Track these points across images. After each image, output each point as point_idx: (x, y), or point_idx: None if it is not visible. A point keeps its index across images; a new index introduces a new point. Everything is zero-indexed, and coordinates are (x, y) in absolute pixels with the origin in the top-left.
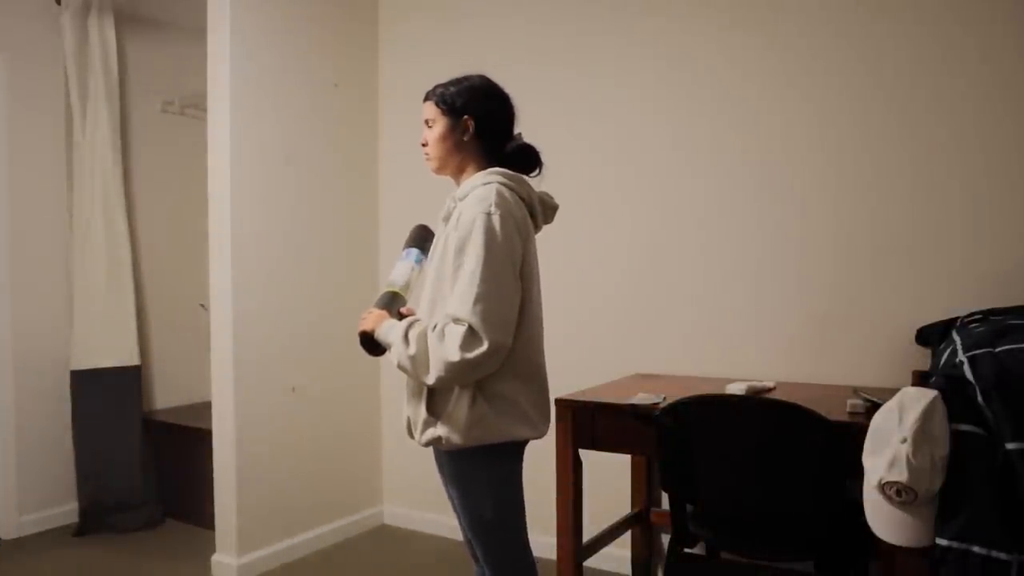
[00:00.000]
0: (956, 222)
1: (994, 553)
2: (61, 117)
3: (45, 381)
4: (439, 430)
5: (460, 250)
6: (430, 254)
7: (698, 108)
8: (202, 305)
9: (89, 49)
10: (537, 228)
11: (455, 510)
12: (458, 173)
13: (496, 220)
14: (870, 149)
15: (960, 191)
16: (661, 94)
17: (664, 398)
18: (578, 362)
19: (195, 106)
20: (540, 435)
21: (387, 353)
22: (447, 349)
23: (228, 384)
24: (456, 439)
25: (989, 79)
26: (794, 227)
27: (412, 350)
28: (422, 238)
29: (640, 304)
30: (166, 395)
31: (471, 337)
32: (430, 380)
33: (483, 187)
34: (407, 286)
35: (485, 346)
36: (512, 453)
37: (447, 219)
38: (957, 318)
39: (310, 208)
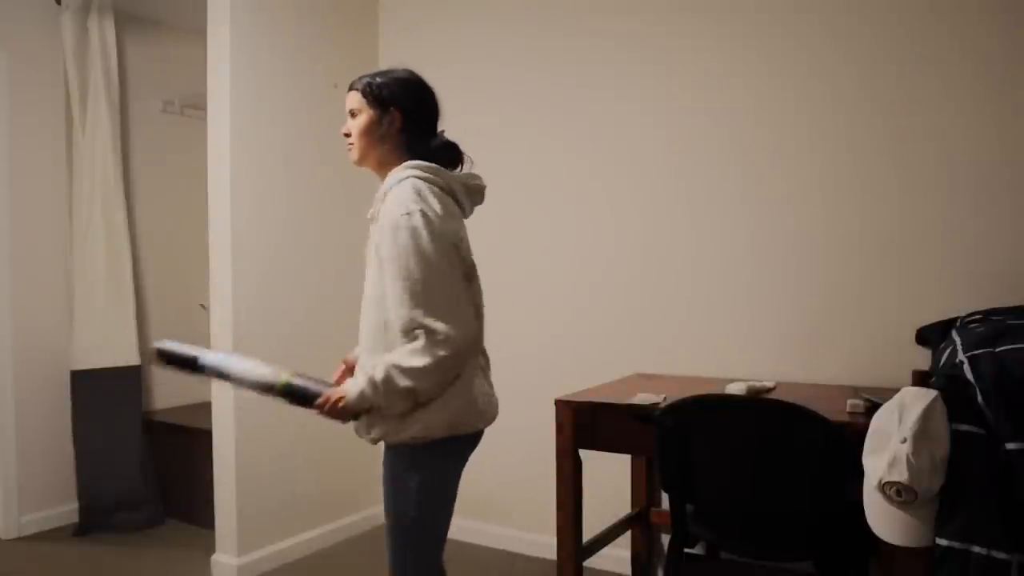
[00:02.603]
0: (956, 222)
1: (994, 553)
2: (61, 117)
3: (45, 381)
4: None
5: (391, 258)
6: (367, 259)
7: (697, 109)
8: (202, 305)
9: (89, 49)
10: (465, 213)
11: (387, 505)
12: (379, 166)
13: (417, 219)
14: (872, 148)
15: (961, 191)
16: (659, 97)
17: (664, 398)
18: (578, 362)
19: (195, 106)
20: (488, 424)
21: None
22: (412, 361)
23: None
24: (398, 436)
25: (990, 80)
26: (794, 227)
27: (385, 400)
28: (176, 355)
29: (640, 304)
30: (166, 395)
31: (429, 340)
32: (421, 398)
33: (399, 185)
34: (275, 368)
35: (445, 343)
36: (467, 444)
37: (373, 219)
38: (957, 318)
39: (310, 208)
